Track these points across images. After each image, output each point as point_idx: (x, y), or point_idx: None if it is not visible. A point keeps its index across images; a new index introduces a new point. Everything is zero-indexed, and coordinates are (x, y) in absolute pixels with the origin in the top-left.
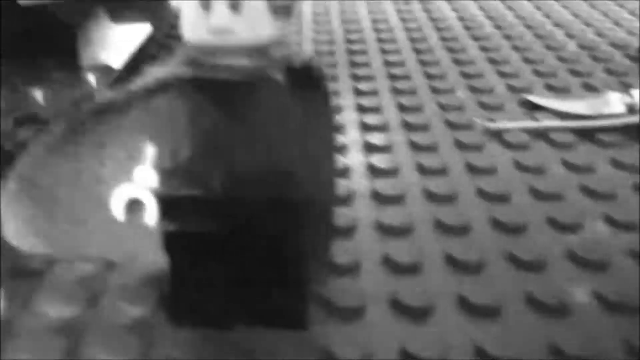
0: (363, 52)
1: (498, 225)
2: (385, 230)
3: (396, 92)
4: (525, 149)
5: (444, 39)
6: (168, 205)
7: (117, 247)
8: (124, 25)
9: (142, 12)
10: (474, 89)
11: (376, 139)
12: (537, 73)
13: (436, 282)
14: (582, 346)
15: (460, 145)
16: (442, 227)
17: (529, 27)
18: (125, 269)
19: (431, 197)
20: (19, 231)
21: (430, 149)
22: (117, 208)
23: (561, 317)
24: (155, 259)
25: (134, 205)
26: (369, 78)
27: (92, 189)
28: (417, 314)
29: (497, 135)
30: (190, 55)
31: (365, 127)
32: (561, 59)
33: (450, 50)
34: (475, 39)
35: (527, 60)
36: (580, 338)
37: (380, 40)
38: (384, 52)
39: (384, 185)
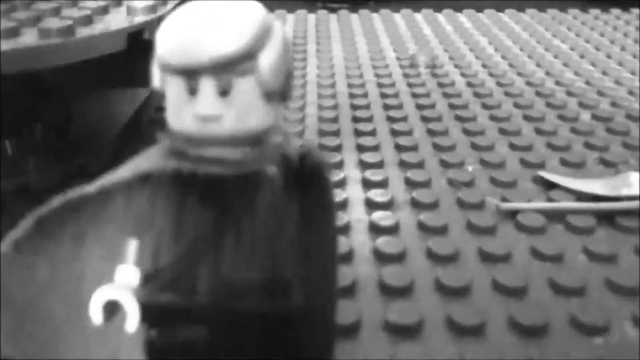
0: (368, 120)
1: (516, 326)
2: (393, 330)
3: (403, 165)
4: (542, 232)
5: (452, 106)
6: (149, 311)
7: (94, 353)
8: (119, 92)
9: (136, 79)
10: (484, 163)
11: (383, 219)
12: (551, 146)
13: None
14: None
15: (472, 228)
16: (455, 328)
17: (540, 94)
18: None
19: (443, 289)
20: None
21: (441, 231)
22: (95, 311)
23: None
24: None
25: (113, 308)
26: (374, 148)
27: (68, 289)
28: None
29: (511, 216)
30: (175, 145)
31: (371, 205)
32: (575, 131)
33: (460, 119)
34: (486, 107)
35: (539, 132)
36: None
37: (386, 106)
38: (390, 119)
39: (392, 274)
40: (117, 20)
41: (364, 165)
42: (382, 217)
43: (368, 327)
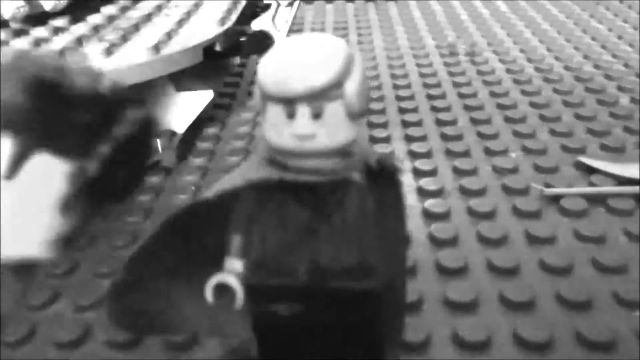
0: (414, 111)
1: (563, 301)
2: (452, 306)
3: (450, 154)
4: (584, 216)
5: (493, 94)
6: (255, 292)
7: (205, 326)
8: (187, 92)
9: (204, 81)
10: (527, 150)
11: (434, 206)
12: (591, 131)
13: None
14: None
15: (519, 213)
16: (507, 303)
17: (579, 79)
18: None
19: (494, 270)
20: (121, 313)
21: (489, 216)
22: (209, 292)
23: None
24: (239, 335)
25: (223, 290)
26: (422, 139)
27: (186, 275)
28: None
29: (555, 200)
30: (274, 158)
31: (423, 193)
32: (614, 116)
33: (501, 107)
34: (526, 93)
35: (579, 117)
36: None
37: (430, 96)
38: (434, 109)
39: (447, 256)
40: (192, 36)
41: (413, 155)
42: (434, 204)
43: (429, 304)
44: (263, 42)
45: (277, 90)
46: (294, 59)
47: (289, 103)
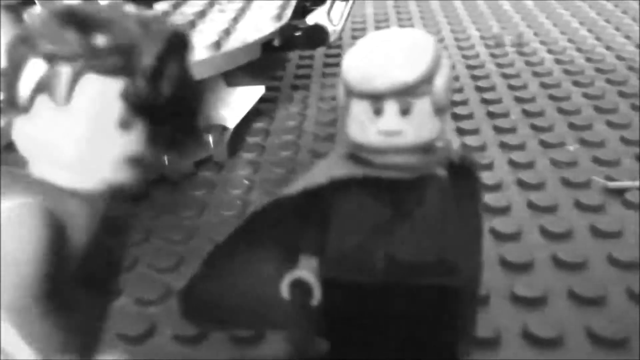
0: (464, 103)
1: (633, 297)
2: (520, 301)
3: (505, 147)
4: None
5: (544, 85)
6: (333, 288)
7: (276, 320)
8: (239, 87)
9: (254, 75)
10: (585, 142)
11: (493, 200)
12: None
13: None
14: None
15: (582, 206)
16: (577, 298)
17: (632, 69)
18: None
19: (560, 264)
20: (196, 308)
21: (551, 210)
22: (285, 288)
23: None
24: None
25: (299, 287)
26: (474, 132)
27: (263, 271)
28: None
29: (619, 194)
30: (359, 154)
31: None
32: None
33: (554, 98)
34: (578, 85)
35: (635, 108)
36: None
37: (479, 89)
38: (485, 102)
39: (511, 251)
40: (251, 32)
41: (466, 149)
42: (493, 199)
43: (497, 299)
44: (318, 36)
45: (366, 86)
46: (383, 55)
47: (377, 99)
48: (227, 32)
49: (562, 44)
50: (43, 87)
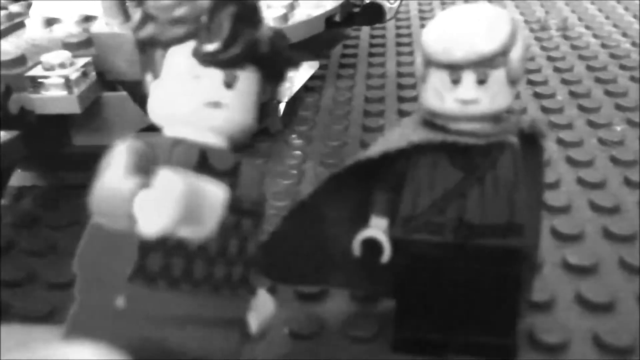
0: None
1: None
2: (573, 269)
3: (554, 126)
4: None
5: (590, 68)
6: (403, 247)
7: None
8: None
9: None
10: (632, 123)
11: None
12: None
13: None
14: None
15: (630, 183)
16: (627, 267)
17: None
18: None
19: (611, 236)
20: (274, 264)
21: (600, 186)
22: (357, 246)
23: None
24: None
25: (370, 245)
26: (521, 112)
27: (339, 229)
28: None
29: None
30: (435, 121)
31: None
32: None
33: (600, 80)
34: (624, 68)
35: None
36: None
37: (525, 70)
38: (531, 83)
39: (563, 223)
40: (315, 6)
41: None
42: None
43: (551, 267)
44: (375, 13)
45: (445, 57)
46: (462, 27)
47: (455, 69)
48: (292, 7)
49: (607, 28)
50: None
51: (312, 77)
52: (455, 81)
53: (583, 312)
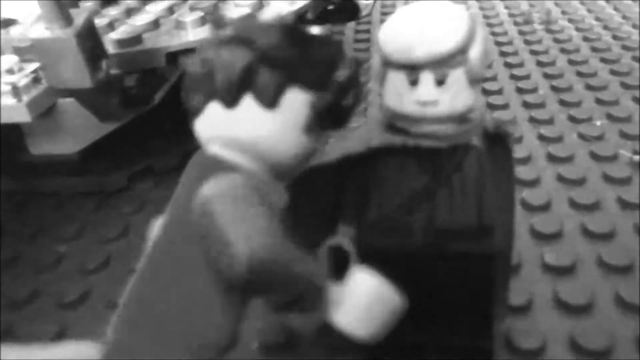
0: (493, 79)
1: None
2: (551, 270)
3: (534, 121)
4: None
5: (572, 62)
6: (371, 253)
7: None
8: None
9: None
10: (612, 117)
11: (523, 172)
12: None
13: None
14: None
15: (609, 179)
16: (606, 267)
17: None
18: None
19: (590, 235)
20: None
21: (579, 182)
22: (322, 256)
23: None
24: None
25: (337, 254)
26: (504, 107)
27: (299, 239)
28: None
29: None
30: (395, 124)
31: None
32: None
33: (581, 74)
34: (605, 61)
35: None
36: None
37: (508, 65)
38: (514, 78)
39: (541, 222)
40: (285, 4)
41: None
42: (523, 171)
43: (529, 267)
44: (350, 10)
45: (402, 57)
46: (419, 26)
47: (413, 70)
48: (260, 5)
49: (589, 21)
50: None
51: None
52: (414, 82)
53: (560, 315)
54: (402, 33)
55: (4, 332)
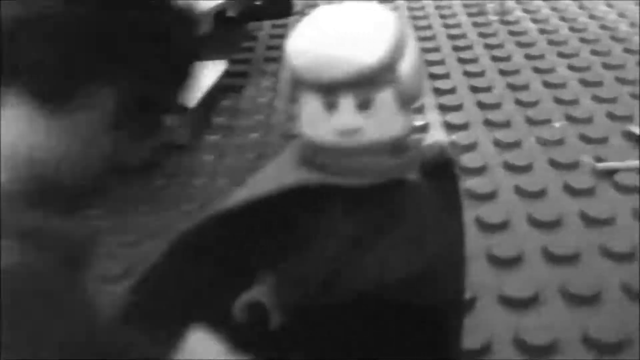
0: (446, 77)
1: (631, 294)
2: (510, 303)
3: (489, 124)
4: None
5: (529, 56)
6: (294, 310)
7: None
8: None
9: (216, 49)
10: (571, 118)
11: (478, 186)
12: (636, 96)
13: None
14: None
15: (571, 191)
16: (571, 298)
17: (615, 39)
18: None
19: (552, 258)
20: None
21: (540, 195)
22: (240, 310)
23: None
24: None
25: (256, 309)
26: (457, 108)
27: (209, 295)
28: None
29: (608, 175)
30: (313, 156)
31: (465, 171)
32: None
33: (538, 70)
34: (563, 55)
35: (621, 81)
36: None
37: (461, 60)
38: (468, 74)
39: (499, 244)
40: (199, 1)
41: (449, 127)
42: (478, 184)
43: (484, 300)
44: (282, 6)
45: (314, 75)
46: (335, 36)
47: (329, 91)
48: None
49: (545, 11)
50: None
51: (232, 75)
52: (331, 106)
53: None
54: (312, 45)
55: None
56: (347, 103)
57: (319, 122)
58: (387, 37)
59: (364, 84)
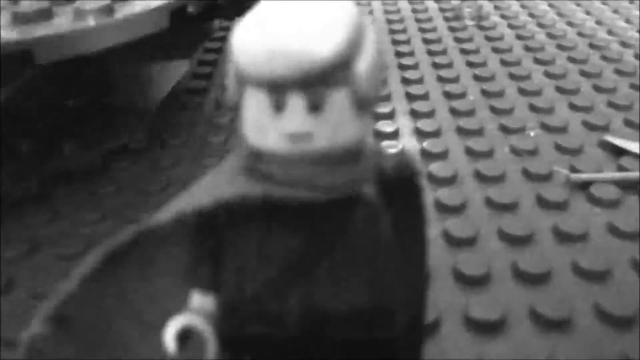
0: (419, 82)
1: (605, 317)
2: (476, 325)
3: (462, 132)
4: (616, 206)
5: (504, 62)
6: (232, 342)
7: None
8: (158, 66)
9: (178, 49)
10: (546, 127)
11: (447, 197)
12: (612, 105)
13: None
14: None
15: (544, 204)
16: (541, 321)
17: (593, 46)
18: None
19: (522, 277)
20: None
21: (511, 208)
22: (170, 339)
23: None
24: None
25: (189, 337)
26: (429, 114)
27: (140, 320)
28: None
29: (583, 187)
30: (257, 165)
31: (435, 181)
32: (635, 87)
33: (514, 77)
34: (539, 62)
35: (598, 89)
36: None
37: (436, 65)
38: (442, 80)
39: (466, 259)
40: None
41: (420, 134)
42: (448, 195)
43: (450, 323)
44: (246, 4)
45: (259, 72)
46: (283, 29)
47: (276, 90)
48: None
49: (522, 18)
50: None
51: (197, 76)
52: (278, 107)
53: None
54: (258, 39)
55: None
56: (296, 104)
57: (264, 126)
58: (341, 30)
59: (315, 83)
